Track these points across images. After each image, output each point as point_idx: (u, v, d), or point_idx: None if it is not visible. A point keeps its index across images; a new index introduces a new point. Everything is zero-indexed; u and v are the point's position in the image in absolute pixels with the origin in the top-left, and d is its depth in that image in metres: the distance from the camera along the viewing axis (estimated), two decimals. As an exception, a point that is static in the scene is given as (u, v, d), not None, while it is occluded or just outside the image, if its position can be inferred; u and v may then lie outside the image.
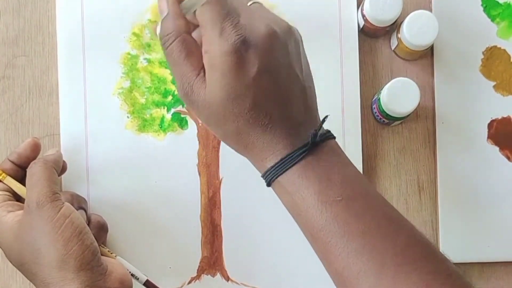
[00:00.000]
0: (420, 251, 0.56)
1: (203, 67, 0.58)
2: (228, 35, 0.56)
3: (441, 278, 0.55)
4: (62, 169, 0.71)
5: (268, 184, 0.60)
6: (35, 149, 0.70)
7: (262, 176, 0.60)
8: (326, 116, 0.61)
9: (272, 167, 0.58)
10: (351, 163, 0.60)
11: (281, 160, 0.58)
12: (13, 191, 0.69)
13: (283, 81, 0.58)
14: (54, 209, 0.62)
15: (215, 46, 0.57)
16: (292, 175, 0.58)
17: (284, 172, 0.58)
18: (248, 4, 0.61)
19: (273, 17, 0.60)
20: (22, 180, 0.69)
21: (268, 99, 0.58)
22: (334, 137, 0.60)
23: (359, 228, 0.56)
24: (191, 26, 0.61)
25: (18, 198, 0.69)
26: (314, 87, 0.62)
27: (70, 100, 0.76)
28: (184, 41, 0.59)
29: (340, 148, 0.61)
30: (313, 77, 0.62)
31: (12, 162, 0.69)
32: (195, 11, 0.59)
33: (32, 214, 0.62)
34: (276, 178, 0.59)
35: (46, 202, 0.62)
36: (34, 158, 0.69)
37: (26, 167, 0.68)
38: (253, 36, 0.57)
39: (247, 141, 0.59)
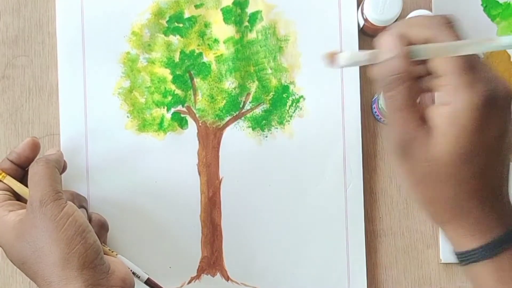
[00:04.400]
0: None
1: (424, 120, 0.53)
2: (479, 87, 0.51)
3: None
4: (63, 168, 0.70)
5: (466, 263, 0.55)
6: (35, 149, 0.70)
7: (462, 255, 0.55)
8: None
9: (481, 246, 0.54)
10: None
11: (498, 238, 0.53)
12: (13, 190, 0.69)
13: (506, 151, 0.53)
14: (57, 207, 0.62)
15: (461, 97, 0.51)
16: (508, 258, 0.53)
17: (496, 254, 0.53)
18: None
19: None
20: (21, 179, 0.69)
21: (495, 169, 0.53)
22: None
23: None
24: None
25: (18, 197, 0.69)
26: None
27: (70, 100, 0.76)
28: (412, 88, 0.53)
29: None
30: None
31: (12, 161, 0.69)
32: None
33: (35, 212, 0.62)
34: (484, 259, 0.54)
35: (49, 200, 0.62)
36: (34, 157, 0.69)
37: (26, 167, 0.69)
38: (501, 92, 0.52)
39: (457, 211, 0.54)
